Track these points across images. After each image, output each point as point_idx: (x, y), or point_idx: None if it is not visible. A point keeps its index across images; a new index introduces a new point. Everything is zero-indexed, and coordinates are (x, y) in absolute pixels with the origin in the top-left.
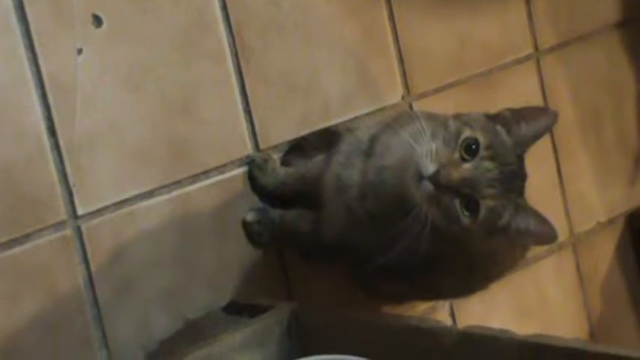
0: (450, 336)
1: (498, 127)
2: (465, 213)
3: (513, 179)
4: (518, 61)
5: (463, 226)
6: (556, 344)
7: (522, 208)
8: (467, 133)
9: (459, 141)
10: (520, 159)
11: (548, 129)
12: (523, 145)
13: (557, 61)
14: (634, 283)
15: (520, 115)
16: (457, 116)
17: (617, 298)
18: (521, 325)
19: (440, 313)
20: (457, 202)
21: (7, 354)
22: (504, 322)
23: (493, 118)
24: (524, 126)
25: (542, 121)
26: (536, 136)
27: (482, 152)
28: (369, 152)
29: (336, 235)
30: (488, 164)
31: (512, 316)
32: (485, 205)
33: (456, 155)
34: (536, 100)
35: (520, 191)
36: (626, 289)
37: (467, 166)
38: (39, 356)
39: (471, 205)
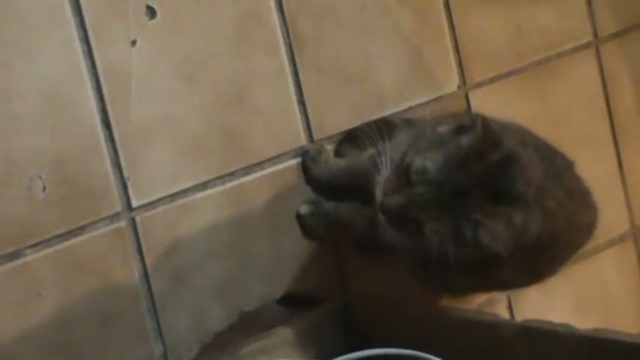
0: (508, 329)
1: (463, 138)
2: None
3: (459, 197)
4: (577, 49)
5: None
6: (618, 339)
7: (481, 222)
8: (408, 158)
9: (403, 167)
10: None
11: None
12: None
13: (617, 49)
14: None
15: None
16: (415, 138)
17: None
18: (580, 319)
19: (497, 306)
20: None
21: (62, 344)
22: (563, 315)
23: (463, 129)
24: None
25: None
26: None
27: (415, 177)
28: None
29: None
30: (420, 188)
31: (571, 309)
32: (428, 227)
33: (402, 182)
34: (596, 89)
35: (477, 203)
36: None
37: (405, 192)
38: (94, 346)
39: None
